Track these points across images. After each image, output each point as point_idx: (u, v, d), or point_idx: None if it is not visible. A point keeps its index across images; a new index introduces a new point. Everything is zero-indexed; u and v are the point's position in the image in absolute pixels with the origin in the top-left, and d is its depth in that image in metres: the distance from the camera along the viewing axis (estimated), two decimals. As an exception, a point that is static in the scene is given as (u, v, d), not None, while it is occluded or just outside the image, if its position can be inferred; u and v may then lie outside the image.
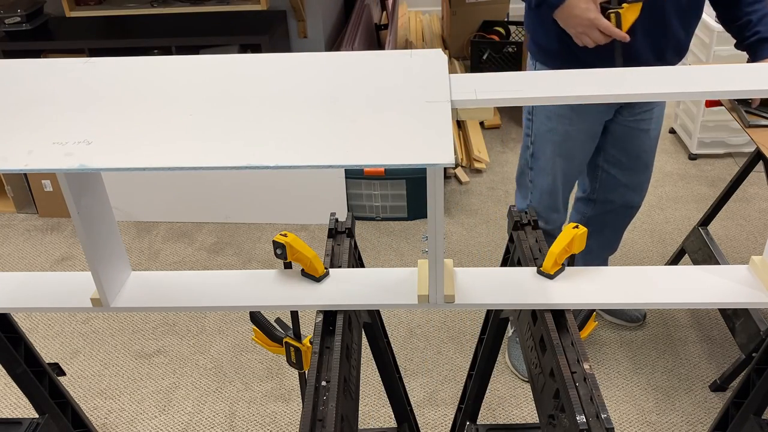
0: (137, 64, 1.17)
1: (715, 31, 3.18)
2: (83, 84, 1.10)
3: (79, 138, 0.92)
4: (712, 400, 2.18)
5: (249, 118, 0.99)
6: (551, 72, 1.08)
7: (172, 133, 0.95)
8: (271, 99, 1.04)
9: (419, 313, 2.58)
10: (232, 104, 1.03)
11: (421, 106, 0.97)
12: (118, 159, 0.89)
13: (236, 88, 1.08)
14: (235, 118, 0.99)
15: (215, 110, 1.01)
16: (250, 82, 1.10)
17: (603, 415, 0.91)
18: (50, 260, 3.01)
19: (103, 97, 1.06)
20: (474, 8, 4.65)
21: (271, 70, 1.14)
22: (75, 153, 0.89)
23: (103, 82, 1.11)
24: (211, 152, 0.90)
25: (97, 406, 2.28)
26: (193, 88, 1.09)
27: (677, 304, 1.13)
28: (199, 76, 1.12)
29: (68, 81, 1.11)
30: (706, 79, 1.02)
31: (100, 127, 0.97)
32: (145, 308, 1.18)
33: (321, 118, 0.97)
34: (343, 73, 1.12)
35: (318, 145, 0.91)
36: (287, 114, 0.99)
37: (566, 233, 1.14)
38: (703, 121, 3.40)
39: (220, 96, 1.05)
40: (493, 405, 2.21)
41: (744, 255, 2.82)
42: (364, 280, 1.18)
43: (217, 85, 1.09)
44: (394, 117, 0.96)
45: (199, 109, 1.02)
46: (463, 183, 3.42)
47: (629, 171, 2.10)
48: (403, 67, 1.11)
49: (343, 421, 0.98)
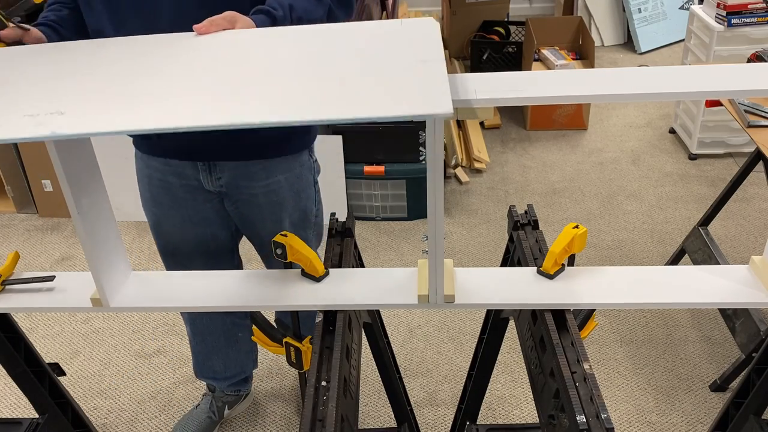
0: (116, 43, 1.17)
1: (715, 31, 3.18)
2: (57, 62, 1.11)
3: (51, 110, 0.92)
4: (712, 400, 2.18)
5: (231, 82, 0.98)
6: (551, 72, 1.08)
7: (149, 99, 0.95)
8: (258, 65, 1.03)
9: (419, 313, 2.58)
10: (212, 71, 1.02)
11: (416, 65, 0.97)
12: (90, 125, 0.88)
13: (217, 58, 1.07)
14: (218, 83, 0.98)
15: (196, 79, 1.01)
16: (232, 50, 1.10)
17: (603, 415, 0.91)
18: (50, 260, 3.01)
19: (78, 72, 1.05)
20: (474, 8, 4.65)
21: (258, 41, 1.14)
22: (46, 122, 0.88)
23: (78, 60, 1.11)
24: (189, 114, 0.89)
25: (97, 406, 2.28)
26: (176, 60, 1.08)
27: (677, 304, 1.13)
28: (184, 50, 1.12)
29: (43, 61, 1.12)
30: (706, 79, 1.02)
31: (74, 98, 0.97)
32: (145, 308, 1.18)
33: (311, 80, 0.96)
34: (332, 40, 1.11)
35: (307, 102, 0.90)
36: (275, 78, 0.98)
37: (566, 233, 1.14)
38: (703, 121, 3.40)
39: (201, 66, 1.05)
40: (493, 405, 2.21)
41: (744, 255, 2.82)
42: (364, 280, 1.18)
43: (197, 56, 1.09)
44: (389, 75, 0.96)
45: (180, 78, 1.01)
46: (463, 183, 3.42)
47: None
48: (395, 33, 1.11)
49: (343, 421, 0.98)
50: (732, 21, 3.14)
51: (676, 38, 4.89)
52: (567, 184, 3.38)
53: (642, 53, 4.84)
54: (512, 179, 3.45)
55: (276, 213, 1.64)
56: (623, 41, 5.04)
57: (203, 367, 2.06)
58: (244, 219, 1.67)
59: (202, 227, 1.68)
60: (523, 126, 3.95)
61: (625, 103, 4.10)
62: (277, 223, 1.65)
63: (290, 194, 1.63)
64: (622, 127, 3.90)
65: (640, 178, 3.41)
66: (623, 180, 3.40)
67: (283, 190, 1.62)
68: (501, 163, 3.61)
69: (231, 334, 1.97)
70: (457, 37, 4.73)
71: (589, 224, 3.04)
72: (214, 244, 1.72)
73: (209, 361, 2.03)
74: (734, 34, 3.17)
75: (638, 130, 3.86)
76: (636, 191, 3.30)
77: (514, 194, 3.33)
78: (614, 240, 2.95)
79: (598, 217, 3.11)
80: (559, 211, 3.18)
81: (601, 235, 2.99)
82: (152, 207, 1.69)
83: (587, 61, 3.99)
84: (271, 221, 1.65)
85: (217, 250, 1.74)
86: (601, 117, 4.00)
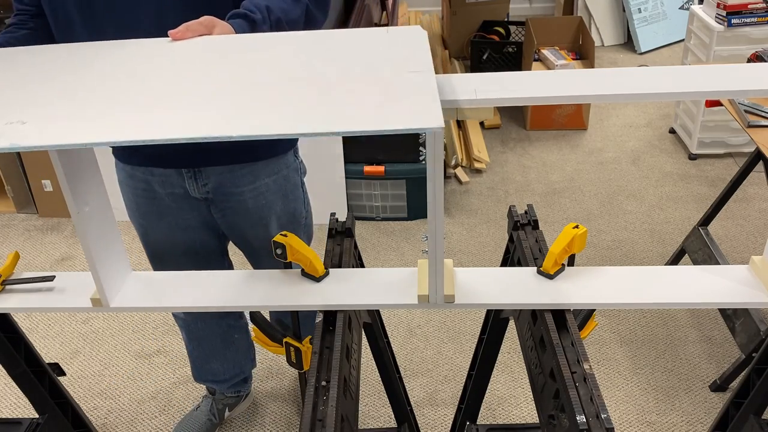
0: (86, 48, 1.15)
1: (715, 31, 3.18)
2: (23, 67, 1.08)
3: (12, 119, 0.89)
4: (712, 400, 2.18)
5: (209, 91, 0.95)
6: (551, 72, 1.08)
7: (121, 109, 0.92)
8: (238, 74, 1.01)
9: (419, 313, 2.58)
10: (188, 80, 0.99)
11: (404, 76, 0.96)
12: (53, 136, 0.85)
13: (197, 66, 1.05)
14: (194, 93, 0.95)
15: (170, 87, 0.98)
16: (209, 58, 1.07)
17: (603, 415, 0.91)
18: (50, 260, 3.01)
19: (45, 78, 1.03)
20: (474, 8, 4.65)
21: (238, 48, 1.12)
22: (6, 133, 0.86)
23: (46, 66, 1.08)
24: (164, 125, 0.87)
25: (97, 406, 2.28)
26: (150, 67, 1.06)
27: (677, 304, 1.13)
28: (158, 57, 1.10)
29: (7, 67, 1.10)
30: (706, 79, 1.02)
31: (40, 106, 0.94)
32: (145, 308, 1.18)
33: (295, 91, 0.94)
34: (316, 49, 1.09)
35: (290, 114, 0.88)
36: (257, 88, 0.96)
37: (566, 233, 1.14)
38: (703, 121, 3.40)
39: (175, 73, 1.02)
40: (493, 405, 2.21)
41: (744, 255, 2.82)
42: (364, 280, 1.18)
43: (171, 63, 1.06)
44: (377, 86, 0.94)
45: (154, 86, 0.99)
46: (463, 183, 3.42)
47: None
48: (381, 42, 1.09)
49: (343, 421, 0.98)
50: (732, 21, 3.14)
51: (676, 38, 4.89)
52: (567, 184, 3.38)
53: (642, 53, 4.84)
54: (512, 179, 3.45)
55: (264, 217, 1.63)
56: (623, 41, 5.04)
57: (202, 371, 2.06)
58: (232, 226, 1.66)
59: (191, 234, 1.67)
60: (523, 126, 3.95)
61: (625, 103, 4.10)
62: (266, 227, 1.64)
63: (278, 197, 1.62)
64: (622, 127, 3.90)
65: (640, 178, 3.41)
66: (623, 180, 3.39)
67: (270, 193, 1.61)
68: (501, 163, 3.61)
69: (227, 336, 1.97)
70: (457, 37, 4.74)
71: (589, 224, 3.04)
72: (203, 250, 1.72)
73: (207, 364, 2.03)
74: (734, 34, 3.17)
75: (638, 130, 3.86)
76: (636, 191, 3.30)
77: (514, 194, 3.33)
78: (614, 240, 2.95)
79: (598, 217, 3.11)
80: (559, 211, 3.18)
81: (601, 235, 2.99)
82: (139, 218, 1.67)
83: (587, 61, 3.99)
84: (260, 225, 1.64)
85: (206, 256, 1.73)
86: (601, 117, 4.00)
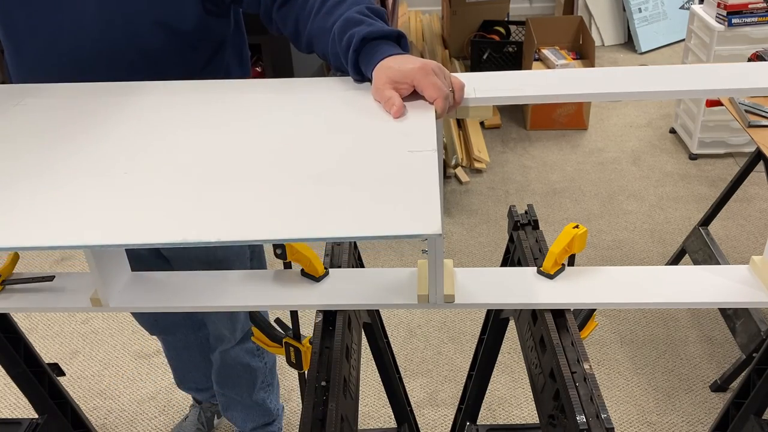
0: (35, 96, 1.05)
1: (716, 31, 3.17)
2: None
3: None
4: (712, 401, 2.18)
5: (182, 180, 0.84)
6: (551, 71, 1.08)
7: (72, 191, 0.81)
8: (216, 156, 0.91)
9: (419, 313, 2.58)
10: (156, 162, 0.88)
11: (403, 158, 0.86)
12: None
13: (169, 136, 0.95)
14: (167, 180, 0.85)
15: (135, 163, 0.87)
16: (185, 114, 0.99)
17: (603, 415, 0.91)
18: (50, 260, 3.01)
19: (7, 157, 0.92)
20: (474, 8, 4.65)
21: (218, 112, 1.03)
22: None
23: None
24: (124, 225, 0.78)
25: (97, 406, 2.28)
26: (115, 129, 0.98)
27: (677, 304, 1.12)
28: (126, 115, 1.01)
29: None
30: (707, 78, 1.02)
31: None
32: (145, 308, 1.18)
33: (279, 178, 0.85)
34: (307, 114, 1.02)
35: (276, 213, 0.79)
36: (236, 178, 0.86)
37: (566, 233, 1.14)
38: (703, 121, 3.39)
39: (138, 149, 0.91)
40: (493, 405, 2.21)
41: (744, 255, 2.82)
42: (364, 280, 1.18)
43: (140, 134, 0.96)
44: (372, 172, 0.85)
45: (116, 159, 0.89)
46: (463, 183, 3.42)
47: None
48: (382, 109, 1.01)
49: (343, 421, 0.98)
50: (732, 21, 3.14)
51: (677, 38, 4.89)
52: (567, 184, 3.38)
53: (642, 53, 4.84)
54: (512, 179, 3.45)
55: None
56: (623, 41, 5.04)
57: (183, 380, 2.05)
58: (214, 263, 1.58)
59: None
60: (524, 126, 3.95)
61: (626, 103, 4.10)
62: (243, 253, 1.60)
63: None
64: (623, 127, 3.89)
65: (640, 178, 3.41)
66: (623, 180, 3.39)
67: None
68: (501, 163, 3.61)
69: (205, 348, 1.93)
70: (457, 36, 4.74)
71: (589, 224, 3.04)
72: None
73: (189, 373, 2.01)
74: (734, 33, 3.17)
75: (638, 130, 3.86)
76: (636, 191, 3.30)
77: (514, 194, 3.33)
78: (614, 240, 2.95)
79: (598, 217, 3.11)
80: (559, 211, 3.18)
81: (601, 235, 2.99)
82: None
83: (587, 61, 3.99)
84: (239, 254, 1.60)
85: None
86: (601, 117, 4.00)
